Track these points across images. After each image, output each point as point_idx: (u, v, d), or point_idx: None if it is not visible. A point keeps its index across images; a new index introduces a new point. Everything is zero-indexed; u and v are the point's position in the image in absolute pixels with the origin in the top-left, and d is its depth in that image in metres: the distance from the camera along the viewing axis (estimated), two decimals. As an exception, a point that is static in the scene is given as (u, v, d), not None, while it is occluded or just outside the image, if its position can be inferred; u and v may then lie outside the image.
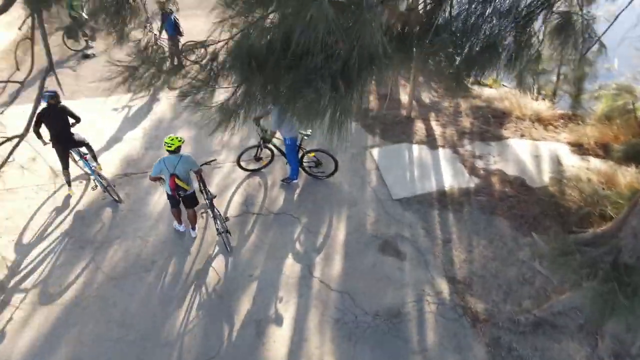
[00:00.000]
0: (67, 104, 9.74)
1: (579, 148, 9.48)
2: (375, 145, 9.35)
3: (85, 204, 7.81)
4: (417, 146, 9.35)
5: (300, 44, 3.00)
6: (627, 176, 7.93)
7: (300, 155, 8.05)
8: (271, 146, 8.19)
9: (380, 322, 6.11)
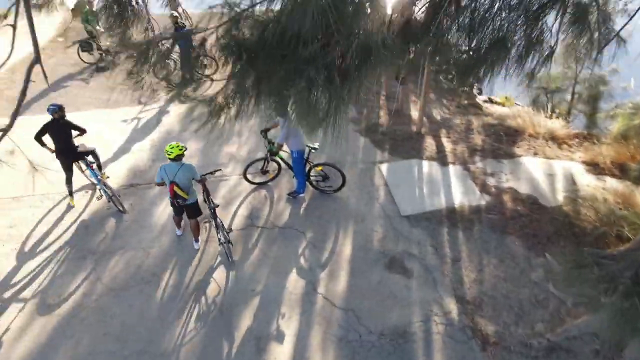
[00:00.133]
0: (77, 115, 9.86)
1: (594, 167, 9.24)
2: (384, 161, 9.20)
3: (89, 213, 7.75)
4: (427, 162, 9.18)
5: (295, 33, 2.87)
6: (644, 196, 7.67)
7: (307, 168, 7.92)
8: (278, 159, 8.08)
9: (386, 342, 5.87)
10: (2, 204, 7.90)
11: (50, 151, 7.35)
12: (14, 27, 4.43)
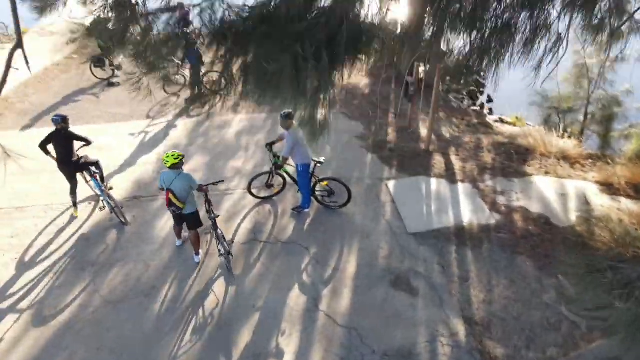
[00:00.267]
0: (86, 128, 9.93)
1: (608, 188, 8.97)
2: (391, 178, 9.04)
3: (91, 225, 7.67)
4: (435, 180, 9.00)
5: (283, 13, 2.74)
6: (661, 217, 7.39)
7: (313, 183, 7.79)
8: (283, 173, 7.98)
9: (389, 363, 5.62)
10: (6, 214, 7.87)
11: (54, 160, 7.35)
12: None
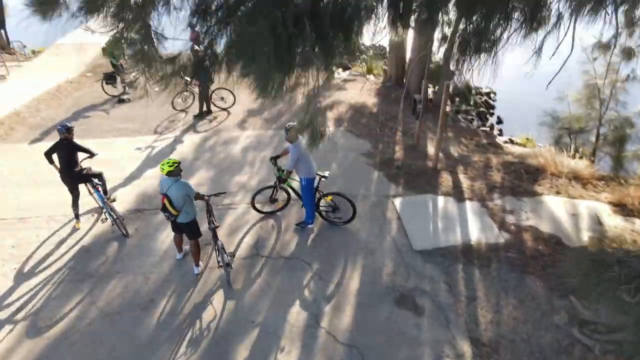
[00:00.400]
0: (94, 141, 9.99)
1: (621, 208, 8.71)
2: (398, 195, 8.89)
3: (93, 236, 7.60)
4: (442, 197, 8.83)
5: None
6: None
7: (317, 198, 7.67)
8: (287, 187, 7.87)
9: (391, 383, 5.37)
10: (9, 225, 7.84)
11: (57, 170, 7.35)
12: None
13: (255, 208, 8.05)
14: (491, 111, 17.45)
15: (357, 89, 15.28)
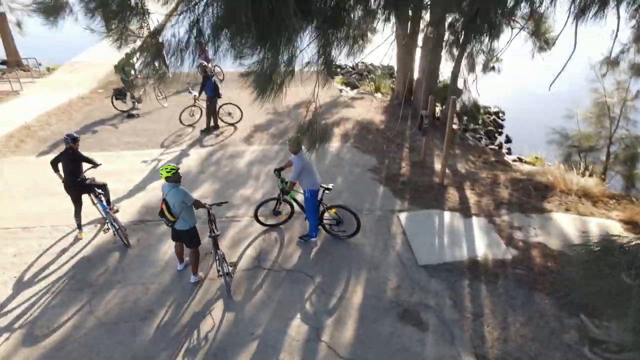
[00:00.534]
0: (101, 154, 10.06)
1: (633, 226, 8.50)
2: (403, 210, 8.77)
3: (94, 246, 7.56)
4: (448, 213, 8.69)
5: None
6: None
7: (320, 211, 7.59)
8: (291, 200, 7.80)
9: (393, 400, 5.17)
10: (12, 234, 7.84)
11: (61, 179, 7.37)
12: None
13: (258, 220, 7.98)
14: (500, 130, 17.36)
15: (364, 106, 15.31)
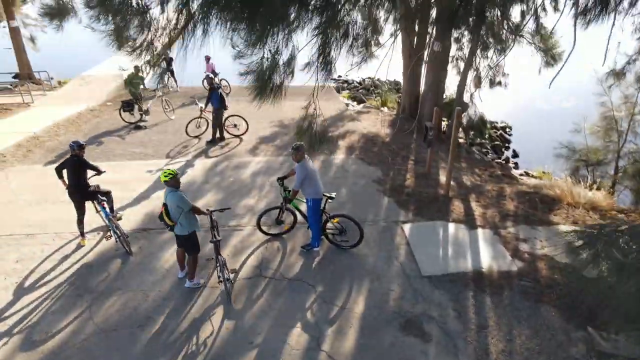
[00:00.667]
0: (107, 164, 10.12)
1: (642, 240, 8.32)
2: (407, 221, 8.69)
3: (96, 253, 7.54)
4: (453, 224, 8.59)
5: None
6: None
7: (323, 220, 7.53)
8: (293, 209, 7.76)
9: (394, 412, 5.03)
10: (15, 240, 7.86)
11: (64, 185, 7.41)
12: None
13: (260, 229, 7.93)
14: (507, 145, 17.28)
15: (370, 120, 15.33)
